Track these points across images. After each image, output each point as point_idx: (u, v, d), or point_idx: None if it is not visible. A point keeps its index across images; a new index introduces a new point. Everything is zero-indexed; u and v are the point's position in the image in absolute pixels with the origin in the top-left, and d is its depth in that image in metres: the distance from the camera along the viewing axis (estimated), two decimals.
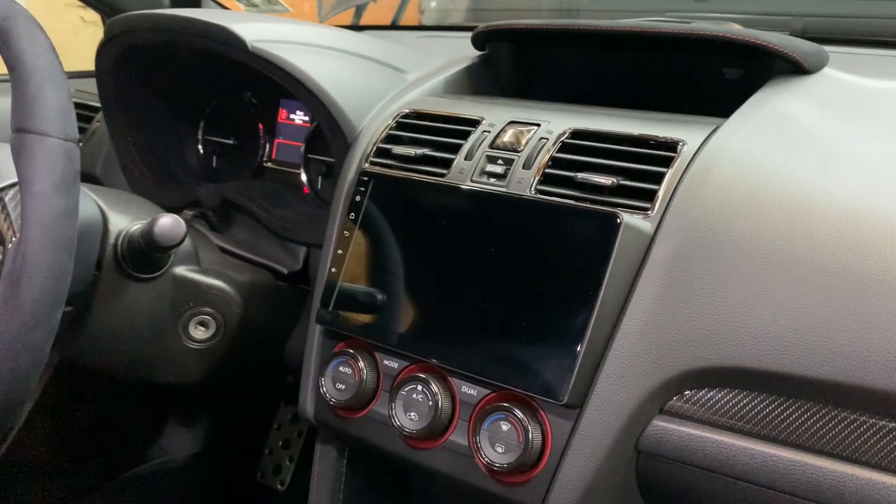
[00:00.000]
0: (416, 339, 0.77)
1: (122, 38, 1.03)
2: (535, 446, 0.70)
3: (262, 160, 1.16)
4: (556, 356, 0.69)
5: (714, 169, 0.70)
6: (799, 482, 0.63)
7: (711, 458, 0.67)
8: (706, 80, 0.95)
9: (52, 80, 0.67)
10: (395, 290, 0.79)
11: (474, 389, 0.74)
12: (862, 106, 0.82)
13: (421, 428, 0.75)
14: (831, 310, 0.62)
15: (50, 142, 0.65)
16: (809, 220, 0.65)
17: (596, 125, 0.79)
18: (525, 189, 0.76)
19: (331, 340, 0.84)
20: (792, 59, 0.83)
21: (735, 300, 0.65)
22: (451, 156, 0.82)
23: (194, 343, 0.91)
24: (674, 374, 0.67)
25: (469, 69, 1.03)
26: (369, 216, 0.82)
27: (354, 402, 0.80)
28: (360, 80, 0.96)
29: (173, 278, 0.88)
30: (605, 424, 0.69)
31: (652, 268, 0.69)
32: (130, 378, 0.92)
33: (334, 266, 0.83)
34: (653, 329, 0.68)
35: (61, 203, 0.65)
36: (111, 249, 0.83)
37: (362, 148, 0.89)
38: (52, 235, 0.65)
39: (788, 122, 0.76)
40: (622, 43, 0.97)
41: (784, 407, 0.65)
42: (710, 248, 0.67)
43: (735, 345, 0.65)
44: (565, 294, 0.70)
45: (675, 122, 0.78)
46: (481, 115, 0.85)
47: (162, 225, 0.78)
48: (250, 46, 0.91)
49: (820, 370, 0.62)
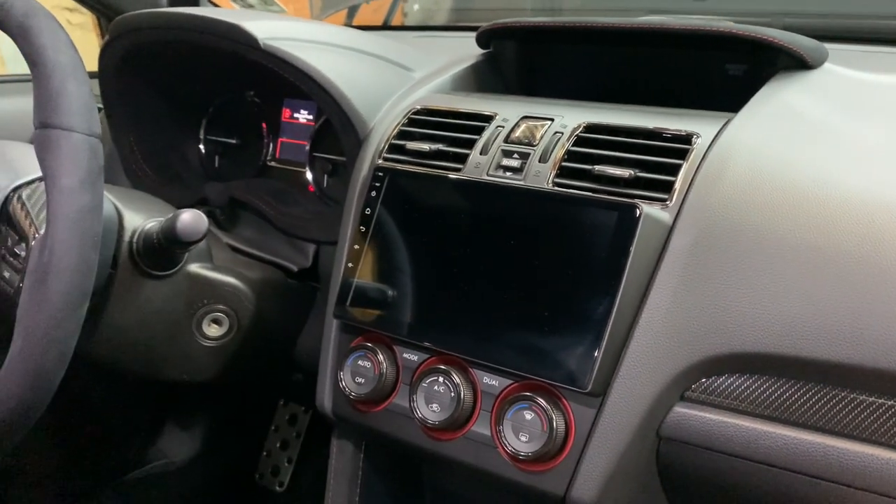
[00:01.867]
0: (437, 332, 0.77)
1: (127, 37, 1.02)
2: (559, 434, 0.71)
3: (266, 159, 1.16)
4: (578, 345, 0.70)
5: (729, 161, 0.72)
6: (820, 464, 0.65)
7: (732, 443, 0.68)
8: (709, 76, 0.97)
9: (75, 76, 0.67)
10: (413, 283, 0.80)
11: (496, 380, 0.75)
12: (864, 99, 0.84)
13: (443, 419, 0.75)
14: (847, 296, 0.64)
15: (75, 137, 0.65)
16: (824, 209, 0.67)
17: (609, 119, 0.80)
18: (542, 182, 0.77)
19: (348, 335, 0.85)
20: (796, 55, 0.85)
21: (753, 288, 0.67)
22: (466, 151, 0.83)
23: (208, 340, 0.91)
24: (694, 360, 0.68)
25: (475, 67, 1.04)
26: (385, 211, 0.83)
27: (374, 395, 0.80)
28: (370, 77, 0.97)
29: (188, 276, 0.88)
30: (627, 411, 0.70)
31: (671, 258, 0.70)
32: (143, 376, 0.91)
33: (350, 261, 0.84)
34: (673, 317, 0.69)
35: (87, 198, 0.65)
36: (126, 247, 0.83)
37: (375, 144, 0.90)
38: (78, 231, 0.65)
39: (796, 115, 0.78)
40: (627, 40, 0.99)
41: (804, 391, 0.66)
42: (728, 237, 0.69)
43: (754, 331, 0.66)
44: (586, 284, 0.71)
45: (686, 115, 0.80)
46: (494, 110, 0.85)
47: (185, 220, 0.78)
48: (262, 44, 0.91)
49: (839, 354, 0.63)
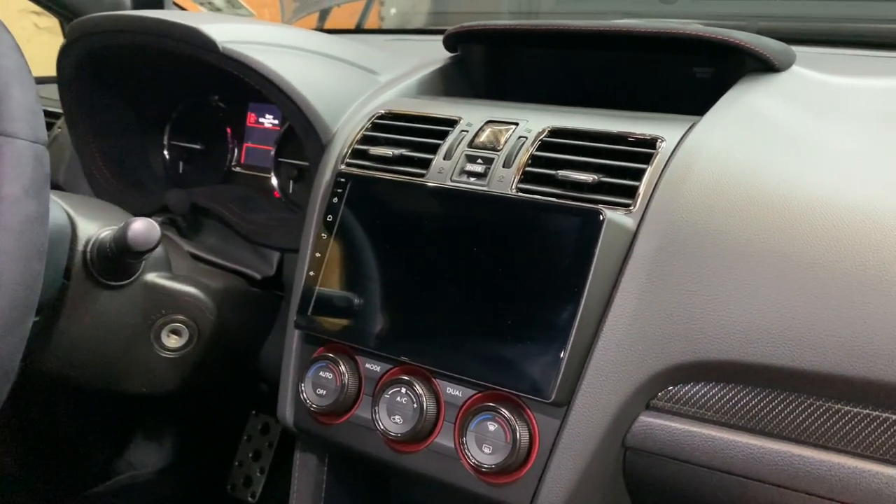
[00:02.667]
0: (399, 342, 0.76)
1: (84, 40, 1.00)
2: (523, 446, 0.69)
3: (231, 165, 1.14)
4: (541, 354, 0.68)
5: (693, 165, 0.71)
6: (786, 473, 0.64)
7: (698, 452, 0.67)
8: (677, 79, 0.96)
9: (19, 80, 0.65)
10: (376, 292, 0.78)
11: (459, 390, 0.73)
12: (830, 102, 0.83)
13: (406, 431, 0.74)
14: (813, 302, 0.63)
15: (19, 144, 0.63)
16: (788, 214, 0.66)
17: (574, 123, 0.79)
18: (506, 188, 0.76)
19: (310, 345, 0.83)
20: (763, 58, 0.84)
21: (718, 294, 0.66)
22: (430, 156, 0.81)
23: (167, 352, 0.89)
24: (659, 369, 0.67)
25: (441, 71, 1.02)
26: (347, 218, 0.81)
27: (336, 407, 0.78)
28: (332, 81, 0.95)
29: (144, 285, 0.85)
30: (592, 422, 0.68)
31: (635, 264, 0.69)
32: (101, 389, 0.89)
33: (312, 270, 0.82)
34: (637, 325, 0.68)
35: (32, 208, 0.63)
36: (80, 256, 0.80)
37: (338, 149, 0.88)
38: (22, 242, 0.62)
39: (762, 119, 0.77)
40: (594, 43, 0.98)
41: (769, 399, 0.65)
42: (692, 243, 0.68)
43: (719, 339, 0.65)
44: (550, 291, 0.69)
45: (650, 119, 0.79)
46: (458, 114, 0.84)
47: (135, 229, 0.76)
48: (221, 48, 0.89)
49: (804, 361, 0.62)
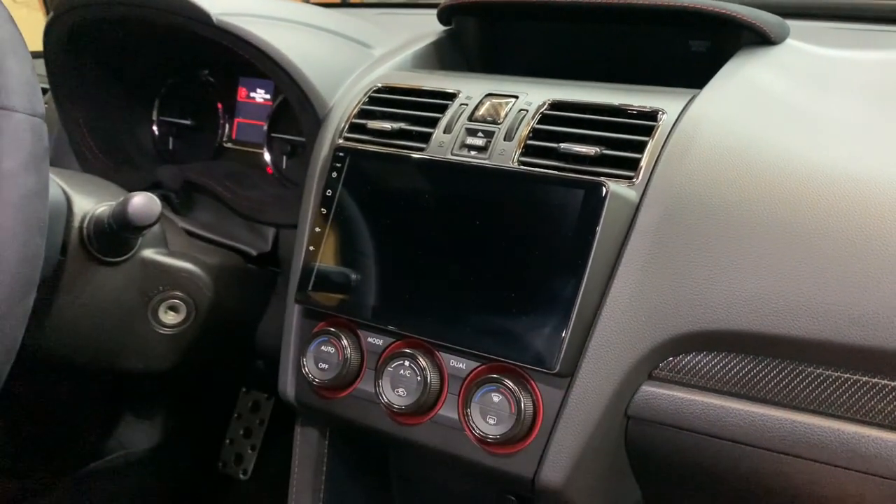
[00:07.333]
0: (402, 315, 0.76)
1: (73, 13, 0.98)
2: (527, 416, 0.70)
3: (222, 141, 1.12)
4: (546, 326, 0.69)
5: (695, 137, 0.71)
6: (787, 440, 0.65)
7: (699, 420, 0.68)
8: (673, 52, 0.96)
9: (15, 53, 0.63)
10: (377, 266, 0.78)
11: (463, 363, 0.74)
12: (826, 74, 0.84)
13: (409, 403, 0.74)
14: (814, 270, 0.64)
15: (17, 117, 0.62)
16: (790, 185, 0.67)
17: (574, 96, 0.79)
18: (508, 161, 0.76)
19: (311, 320, 0.83)
20: (759, 30, 0.85)
21: (720, 265, 0.66)
22: (430, 129, 0.81)
23: (165, 328, 0.88)
24: (663, 339, 0.68)
25: (436, 44, 1.02)
26: (346, 192, 0.81)
27: (338, 381, 0.78)
28: (328, 54, 0.94)
29: (142, 262, 0.85)
30: (595, 392, 0.69)
31: (638, 236, 0.69)
32: (98, 367, 0.88)
33: (312, 245, 0.81)
34: (641, 296, 0.68)
35: (31, 182, 0.62)
36: (76, 233, 0.79)
37: (335, 124, 0.87)
38: (23, 217, 0.61)
39: (762, 91, 0.78)
40: (589, 16, 0.97)
41: (769, 368, 0.66)
42: (694, 214, 0.68)
43: (722, 308, 0.66)
44: (553, 264, 0.70)
45: (650, 92, 0.79)
46: (457, 88, 0.84)
47: (136, 204, 0.75)
48: (215, 20, 0.88)
49: (806, 330, 0.63)
